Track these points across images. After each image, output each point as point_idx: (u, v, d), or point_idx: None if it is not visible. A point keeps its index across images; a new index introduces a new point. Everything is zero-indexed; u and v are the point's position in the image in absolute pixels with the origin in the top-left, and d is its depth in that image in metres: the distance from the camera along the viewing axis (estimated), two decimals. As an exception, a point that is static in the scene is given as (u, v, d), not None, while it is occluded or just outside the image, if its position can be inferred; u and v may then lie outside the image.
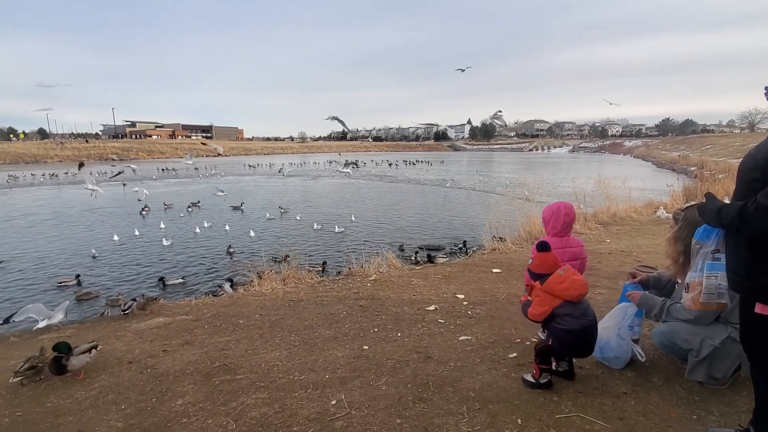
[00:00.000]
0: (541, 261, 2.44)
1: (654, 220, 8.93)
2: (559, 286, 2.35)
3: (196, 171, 38.04)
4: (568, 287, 2.34)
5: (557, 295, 2.36)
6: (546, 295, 2.39)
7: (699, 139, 56.24)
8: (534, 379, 2.47)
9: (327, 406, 2.43)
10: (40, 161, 51.34)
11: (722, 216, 1.67)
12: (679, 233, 2.42)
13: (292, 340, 3.48)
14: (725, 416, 2.13)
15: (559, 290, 2.35)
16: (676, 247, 2.43)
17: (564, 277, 2.36)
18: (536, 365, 2.46)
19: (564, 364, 2.51)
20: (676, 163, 35.83)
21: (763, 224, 1.51)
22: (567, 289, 2.34)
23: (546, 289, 2.39)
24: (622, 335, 2.60)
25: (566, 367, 2.51)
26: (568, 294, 2.34)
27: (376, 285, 5.11)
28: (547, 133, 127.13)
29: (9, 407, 2.69)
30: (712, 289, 2.08)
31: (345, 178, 30.47)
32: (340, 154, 41.96)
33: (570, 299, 2.35)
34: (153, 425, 2.36)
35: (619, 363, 2.64)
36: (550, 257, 2.44)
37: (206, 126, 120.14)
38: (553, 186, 19.58)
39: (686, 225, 2.39)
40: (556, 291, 2.36)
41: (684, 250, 2.37)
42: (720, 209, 1.69)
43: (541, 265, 2.43)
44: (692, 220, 2.35)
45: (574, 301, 2.36)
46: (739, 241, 1.67)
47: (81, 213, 17.44)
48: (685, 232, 2.37)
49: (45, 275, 9.11)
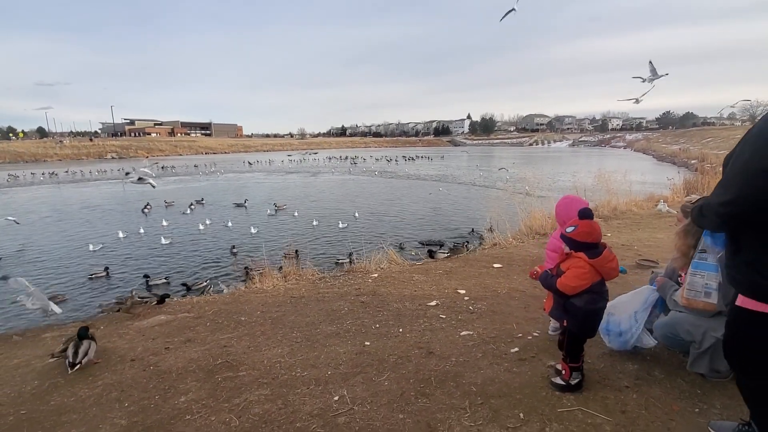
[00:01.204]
0: (590, 228, 2.18)
1: (655, 214, 8.92)
2: (609, 263, 2.20)
3: (196, 168, 38.02)
4: (615, 267, 2.23)
5: (603, 272, 2.20)
6: (591, 270, 2.17)
7: (699, 131, 56.11)
8: (564, 381, 2.35)
9: (330, 402, 2.43)
10: (39, 160, 51.30)
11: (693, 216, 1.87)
12: (690, 226, 2.37)
13: (294, 337, 3.49)
14: (728, 409, 2.14)
15: (608, 268, 2.19)
16: (687, 241, 2.38)
17: (614, 255, 2.23)
18: (566, 365, 2.33)
19: (577, 374, 2.35)
20: (677, 156, 35.76)
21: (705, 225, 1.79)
22: (614, 269, 2.23)
23: (597, 264, 2.17)
24: (639, 318, 2.57)
25: (579, 378, 2.36)
26: (613, 274, 2.24)
27: (378, 281, 5.12)
28: (547, 127, 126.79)
29: (13, 405, 2.70)
30: (696, 287, 2.10)
31: (345, 174, 30.53)
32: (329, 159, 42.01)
33: (608, 278, 2.25)
34: (156, 423, 2.37)
35: (620, 343, 2.62)
36: (597, 225, 2.22)
37: (205, 123, 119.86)
38: (553, 180, 19.53)
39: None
40: (605, 268, 2.19)
41: (695, 244, 2.34)
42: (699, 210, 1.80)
43: (589, 233, 2.18)
44: None
45: (608, 280, 2.27)
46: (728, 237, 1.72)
47: (86, 210, 17.48)
48: (694, 226, 2.35)
49: (57, 270, 9.15)
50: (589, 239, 2.19)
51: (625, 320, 2.61)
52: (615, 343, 2.68)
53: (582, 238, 2.19)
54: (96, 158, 56.18)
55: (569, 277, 2.19)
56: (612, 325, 2.64)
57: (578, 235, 2.19)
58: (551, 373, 2.53)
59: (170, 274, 8.82)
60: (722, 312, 2.30)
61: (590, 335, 2.35)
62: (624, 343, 2.63)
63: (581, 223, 2.21)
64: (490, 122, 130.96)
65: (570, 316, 2.24)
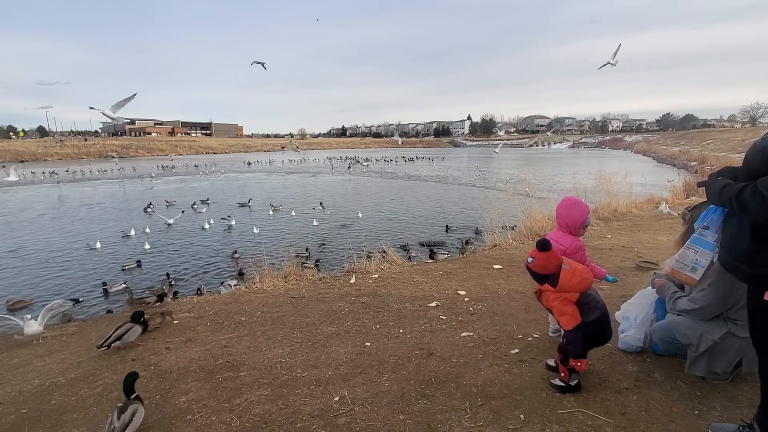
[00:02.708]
0: (545, 262, 2.27)
1: (655, 216, 8.92)
2: (571, 281, 2.25)
3: (196, 168, 38.05)
4: (580, 280, 2.26)
5: (573, 290, 2.27)
6: (564, 296, 2.27)
7: (699, 133, 56.10)
8: (563, 383, 2.38)
9: (330, 403, 2.44)
10: (40, 159, 51.32)
11: (723, 193, 1.68)
12: (687, 235, 2.41)
13: (294, 337, 3.49)
14: (727, 411, 2.14)
15: (572, 285, 2.26)
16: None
17: (572, 271, 2.26)
18: (564, 368, 2.36)
19: (576, 376, 2.38)
20: (677, 158, 35.78)
21: (755, 208, 1.53)
22: (579, 283, 2.25)
23: (561, 289, 2.27)
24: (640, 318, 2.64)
25: (578, 379, 2.39)
26: (582, 286, 2.26)
27: (378, 282, 5.12)
28: (547, 128, 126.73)
29: (14, 405, 2.70)
30: (685, 260, 2.08)
31: (345, 175, 30.58)
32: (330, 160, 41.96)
33: (584, 291, 2.28)
34: (157, 422, 2.37)
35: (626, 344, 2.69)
36: (552, 256, 2.29)
37: (206, 123, 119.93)
38: (553, 182, 19.55)
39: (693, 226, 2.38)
40: (571, 287, 2.26)
41: None
42: (724, 187, 1.69)
43: (546, 266, 2.28)
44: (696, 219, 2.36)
45: (587, 291, 2.30)
46: (742, 228, 1.65)
47: (85, 209, 17.49)
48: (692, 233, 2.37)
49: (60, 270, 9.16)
50: (548, 271, 2.28)
51: (632, 321, 2.63)
52: (622, 343, 2.72)
53: (542, 270, 2.29)
54: (97, 157, 56.20)
55: (559, 314, 2.30)
56: (623, 326, 2.67)
57: (537, 268, 2.30)
58: (549, 375, 2.54)
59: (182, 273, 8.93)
60: (720, 315, 2.31)
61: (599, 343, 2.41)
62: (629, 344, 2.67)
63: (539, 257, 2.29)
64: (491, 123, 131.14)
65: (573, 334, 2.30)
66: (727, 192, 1.66)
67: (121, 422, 2.19)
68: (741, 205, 1.58)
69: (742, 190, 1.57)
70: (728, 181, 1.70)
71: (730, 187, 1.65)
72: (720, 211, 2.04)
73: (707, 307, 2.28)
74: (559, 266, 2.29)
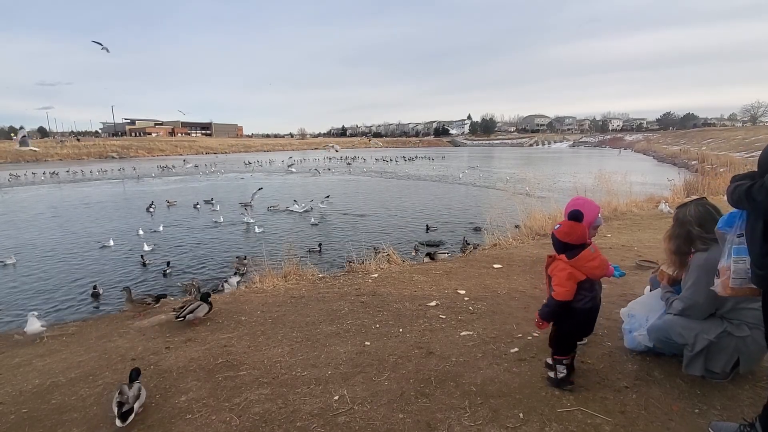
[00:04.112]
0: (570, 230, 2.24)
1: (655, 215, 8.92)
2: (590, 263, 2.23)
3: (196, 168, 38.04)
4: (598, 266, 2.25)
5: (585, 271, 2.24)
6: (572, 271, 2.22)
7: (700, 132, 56.09)
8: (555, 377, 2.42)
9: (330, 402, 2.44)
10: (40, 160, 51.29)
11: (735, 193, 1.69)
12: (672, 231, 2.45)
13: (294, 337, 3.49)
14: (728, 410, 2.14)
15: (588, 267, 2.23)
16: (669, 245, 2.46)
17: (595, 254, 2.25)
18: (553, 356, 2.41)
19: (562, 368, 2.40)
20: (677, 157, 35.74)
21: (762, 203, 1.56)
22: (596, 268, 2.24)
23: (575, 264, 2.22)
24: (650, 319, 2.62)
25: (565, 372, 2.40)
26: (597, 273, 2.26)
27: (378, 281, 5.12)
28: (548, 127, 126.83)
29: (15, 404, 2.71)
30: (741, 274, 2.03)
31: (345, 174, 30.62)
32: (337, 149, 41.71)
33: (594, 278, 2.28)
34: (157, 421, 2.38)
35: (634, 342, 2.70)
36: (579, 227, 2.25)
37: (206, 123, 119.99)
38: (553, 181, 19.53)
39: (678, 224, 2.41)
40: (586, 267, 2.23)
41: (677, 249, 2.41)
42: (737, 187, 1.70)
43: (569, 234, 2.24)
44: (683, 219, 2.38)
45: (595, 279, 2.30)
46: (755, 230, 1.66)
47: (86, 209, 17.52)
48: (677, 230, 2.40)
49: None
50: (568, 239, 2.25)
51: (640, 321, 2.63)
52: (630, 342, 2.72)
53: (561, 237, 2.26)
54: (97, 158, 56.24)
55: (557, 285, 2.27)
56: (629, 324, 2.67)
57: (558, 233, 2.27)
58: (546, 369, 2.56)
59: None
60: (715, 314, 2.30)
61: (586, 333, 2.44)
62: (638, 343, 2.67)
63: (563, 223, 2.29)
64: (491, 123, 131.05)
65: (567, 317, 2.30)
66: (738, 191, 1.67)
67: (132, 392, 2.42)
68: (751, 202, 1.60)
69: (751, 187, 1.60)
70: (741, 182, 1.72)
71: (742, 186, 1.67)
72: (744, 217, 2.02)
73: (696, 305, 2.27)
74: (583, 241, 2.26)
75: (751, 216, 1.72)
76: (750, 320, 2.21)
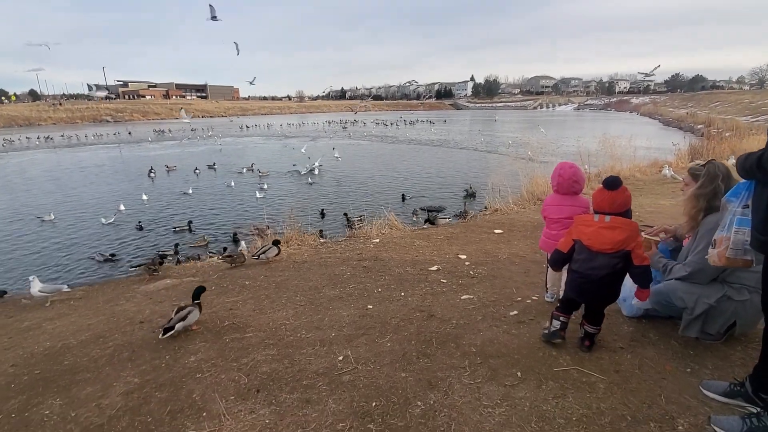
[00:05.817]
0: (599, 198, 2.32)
1: (657, 180, 8.86)
2: (579, 227, 2.33)
3: (193, 132, 37.38)
4: (590, 235, 2.26)
5: (572, 233, 2.37)
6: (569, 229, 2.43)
7: (708, 95, 54.59)
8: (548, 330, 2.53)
9: (334, 362, 2.52)
10: (33, 124, 50.37)
11: (747, 162, 1.70)
12: (702, 189, 2.34)
13: (297, 301, 3.56)
14: (719, 369, 2.21)
15: (576, 231, 2.34)
16: (698, 204, 2.35)
17: (592, 222, 2.29)
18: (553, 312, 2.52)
19: (557, 323, 2.47)
20: (684, 121, 35.02)
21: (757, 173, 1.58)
22: (584, 234, 2.29)
23: (573, 223, 2.41)
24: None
25: (557, 327, 2.46)
26: (583, 237, 2.29)
27: (379, 246, 5.16)
28: (553, 89, 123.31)
29: (27, 366, 2.80)
30: (738, 245, 2.04)
31: (344, 139, 30.17)
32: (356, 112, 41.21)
33: (582, 243, 2.30)
34: (168, 380, 2.46)
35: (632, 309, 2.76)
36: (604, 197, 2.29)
37: (201, 85, 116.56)
38: (557, 146, 19.25)
39: (709, 180, 2.31)
40: (574, 230, 2.36)
41: (705, 206, 2.32)
42: (747, 156, 1.71)
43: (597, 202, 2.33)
44: (714, 174, 2.29)
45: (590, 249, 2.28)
46: (762, 197, 1.65)
47: (84, 174, 17.41)
48: (708, 187, 2.31)
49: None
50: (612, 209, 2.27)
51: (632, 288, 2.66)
52: (628, 309, 2.77)
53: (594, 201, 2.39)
54: (91, 122, 55.13)
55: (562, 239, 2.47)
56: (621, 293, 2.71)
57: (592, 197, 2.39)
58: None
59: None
60: (717, 279, 2.32)
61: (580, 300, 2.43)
62: (637, 309, 2.72)
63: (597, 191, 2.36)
64: (494, 85, 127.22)
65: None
66: (749, 160, 1.68)
67: (177, 316, 2.94)
68: (761, 170, 1.61)
69: (762, 155, 1.60)
70: (752, 152, 1.71)
71: (752, 155, 1.68)
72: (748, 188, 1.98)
73: (704, 269, 2.27)
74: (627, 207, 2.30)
75: (758, 185, 1.70)
76: (751, 284, 2.22)
